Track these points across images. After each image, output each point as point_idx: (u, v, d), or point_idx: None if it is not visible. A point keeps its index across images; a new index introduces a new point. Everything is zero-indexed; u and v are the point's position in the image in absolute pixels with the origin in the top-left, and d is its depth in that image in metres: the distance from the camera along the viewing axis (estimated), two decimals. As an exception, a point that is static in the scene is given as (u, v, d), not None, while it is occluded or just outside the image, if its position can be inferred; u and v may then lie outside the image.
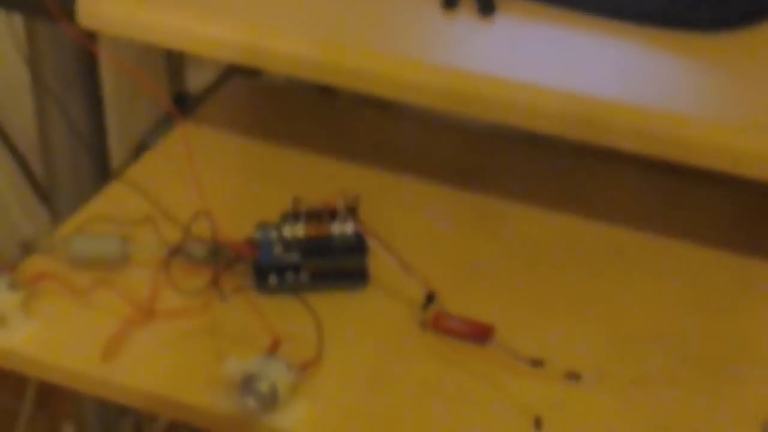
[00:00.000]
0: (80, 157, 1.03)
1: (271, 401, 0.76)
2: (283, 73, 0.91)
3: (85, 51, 1.00)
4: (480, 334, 0.82)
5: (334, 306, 0.84)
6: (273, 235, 0.86)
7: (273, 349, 0.79)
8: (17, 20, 1.02)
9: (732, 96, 0.81)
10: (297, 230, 0.86)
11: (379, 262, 0.87)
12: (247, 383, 0.76)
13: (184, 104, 0.99)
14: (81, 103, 1.01)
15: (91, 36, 0.95)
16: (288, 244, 0.86)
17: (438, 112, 0.91)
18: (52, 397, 1.39)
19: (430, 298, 0.84)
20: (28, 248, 0.90)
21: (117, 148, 1.12)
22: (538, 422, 0.76)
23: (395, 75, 0.84)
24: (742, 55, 0.84)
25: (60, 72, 1.00)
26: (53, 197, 1.07)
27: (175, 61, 0.99)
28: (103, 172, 1.04)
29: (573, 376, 0.80)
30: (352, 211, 0.87)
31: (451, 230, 0.93)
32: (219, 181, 0.94)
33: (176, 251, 0.85)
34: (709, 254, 0.92)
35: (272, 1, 0.89)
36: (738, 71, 0.83)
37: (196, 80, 1.04)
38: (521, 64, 0.85)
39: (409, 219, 0.93)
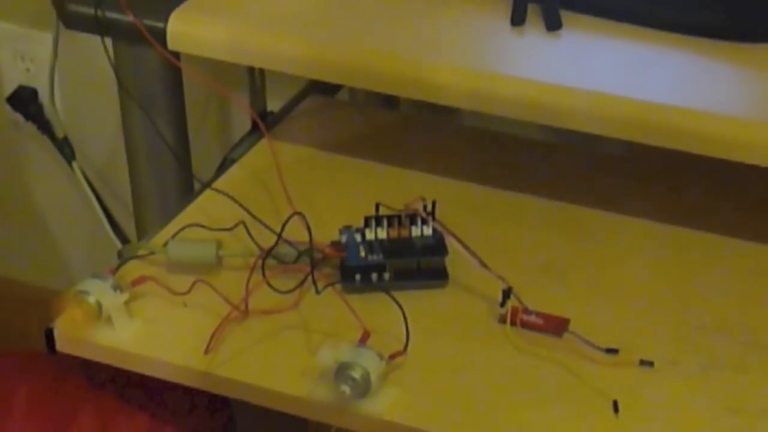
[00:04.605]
0: (166, 172, 1.09)
1: (363, 388, 0.80)
2: (361, 86, 0.97)
3: (171, 72, 1.06)
4: (556, 326, 0.87)
5: (416, 303, 0.88)
6: (357, 237, 0.92)
7: (363, 340, 0.84)
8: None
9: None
10: (379, 233, 0.92)
11: (457, 262, 0.91)
12: (340, 371, 0.80)
13: (264, 121, 1.05)
14: (167, 120, 1.07)
15: (176, 57, 1.01)
16: (371, 246, 0.91)
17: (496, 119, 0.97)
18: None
19: (507, 294, 0.88)
20: (123, 255, 0.94)
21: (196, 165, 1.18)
22: (615, 406, 0.81)
23: (473, 87, 0.91)
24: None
25: (146, 91, 1.06)
26: (139, 209, 1.12)
27: (256, 82, 1.05)
28: (187, 187, 1.10)
29: (646, 363, 0.84)
30: (430, 215, 0.93)
31: (521, 232, 0.98)
32: (301, 191, 0.99)
33: (268, 254, 0.91)
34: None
35: (355, 19, 0.95)
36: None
37: (273, 100, 1.10)
38: (587, 73, 0.91)
39: (480, 223, 0.97)
